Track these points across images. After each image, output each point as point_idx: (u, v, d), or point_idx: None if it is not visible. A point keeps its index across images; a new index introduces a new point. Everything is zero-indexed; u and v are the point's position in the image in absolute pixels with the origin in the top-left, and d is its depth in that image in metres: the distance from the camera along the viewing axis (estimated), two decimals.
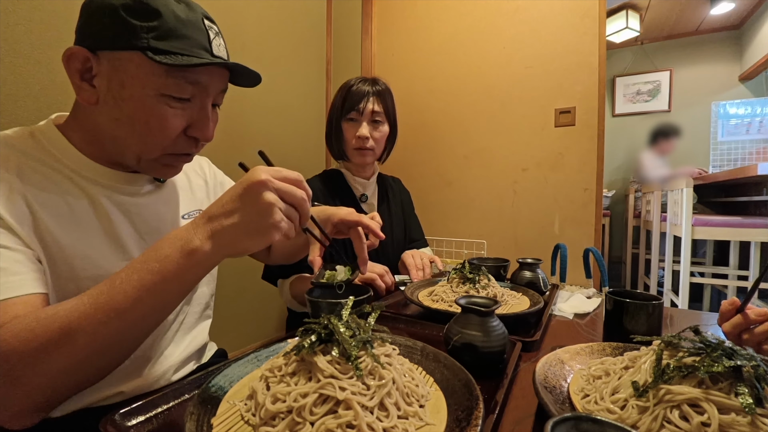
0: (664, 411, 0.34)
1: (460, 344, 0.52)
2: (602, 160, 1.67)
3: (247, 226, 0.45)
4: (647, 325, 0.59)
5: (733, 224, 2.02)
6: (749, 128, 3.57)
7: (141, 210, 0.61)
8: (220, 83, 0.58)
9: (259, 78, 0.60)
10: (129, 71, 0.51)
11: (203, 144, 0.60)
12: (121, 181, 0.59)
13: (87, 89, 0.52)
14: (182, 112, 0.54)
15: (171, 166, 0.60)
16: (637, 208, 3.43)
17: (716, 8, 3.32)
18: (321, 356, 0.37)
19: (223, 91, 0.60)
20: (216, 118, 0.61)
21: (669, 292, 2.42)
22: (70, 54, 0.51)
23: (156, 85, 0.51)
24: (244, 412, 0.38)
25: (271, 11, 1.77)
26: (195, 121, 0.56)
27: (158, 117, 0.52)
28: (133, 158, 0.56)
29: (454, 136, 1.98)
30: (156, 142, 0.54)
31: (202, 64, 0.51)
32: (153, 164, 0.57)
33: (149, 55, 0.49)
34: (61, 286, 0.51)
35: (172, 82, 0.51)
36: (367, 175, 1.22)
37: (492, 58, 1.87)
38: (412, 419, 0.36)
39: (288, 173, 0.48)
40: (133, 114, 0.52)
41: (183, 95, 0.53)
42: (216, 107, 0.61)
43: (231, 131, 1.57)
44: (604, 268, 1.08)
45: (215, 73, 0.56)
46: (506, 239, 1.86)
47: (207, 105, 0.57)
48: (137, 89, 0.51)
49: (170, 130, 0.54)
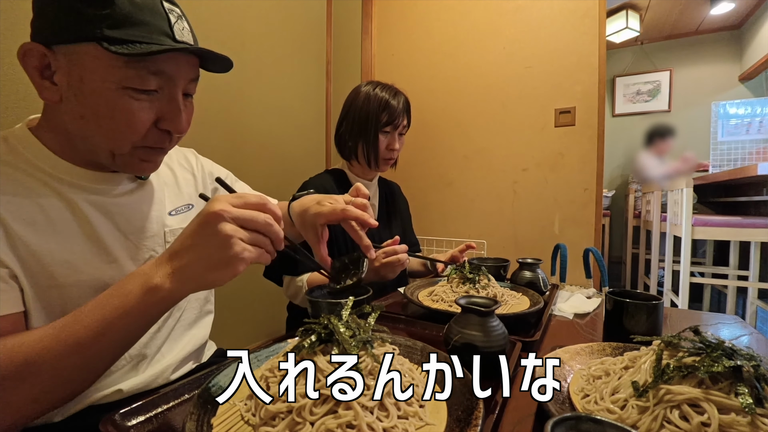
0: (664, 411, 0.34)
1: (460, 344, 0.52)
2: (602, 160, 1.67)
3: (208, 261, 0.43)
4: (647, 325, 0.59)
5: (733, 224, 2.02)
6: (749, 128, 3.57)
7: (123, 210, 0.59)
8: (189, 71, 0.54)
9: (230, 63, 0.56)
10: (86, 65, 0.47)
11: (178, 137, 0.57)
12: (98, 181, 0.57)
13: (48, 87, 0.49)
14: (149, 105, 0.51)
15: (147, 162, 0.56)
16: (637, 208, 3.43)
17: (716, 8, 3.32)
18: (321, 356, 0.37)
19: (194, 80, 0.57)
20: (190, 109, 0.58)
21: (669, 292, 2.42)
22: (24, 51, 0.48)
23: (116, 78, 0.48)
24: (244, 412, 0.38)
25: (271, 11, 1.77)
26: (165, 114, 0.53)
27: (123, 111, 0.49)
28: (106, 156, 0.53)
29: (454, 136, 1.98)
30: (124, 137, 0.51)
31: (162, 51, 0.47)
32: (128, 160, 0.54)
33: (104, 46, 0.45)
34: (44, 296, 0.50)
35: (133, 73, 0.48)
36: (370, 177, 1.25)
37: (492, 58, 1.87)
38: (412, 419, 0.36)
39: (249, 198, 0.45)
40: (96, 109, 0.49)
41: (147, 87, 0.50)
42: (189, 97, 0.57)
43: (231, 131, 1.56)
44: (604, 268, 1.08)
45: (181, 61, 0.52)
46: (506, 239, 1.86)
47: (176, 96, 0.53)
48: (97, 83, 0.48)
49: (138, 124, 0.51)
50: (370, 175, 1.25)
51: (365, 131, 1.16)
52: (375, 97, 1.15)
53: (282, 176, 1.86)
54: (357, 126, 1.17)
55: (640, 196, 3.36)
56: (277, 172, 1.83)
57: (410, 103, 1.21)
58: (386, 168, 1.22)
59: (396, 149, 1.19)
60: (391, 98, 1.15)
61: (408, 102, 1.20)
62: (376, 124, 1.14)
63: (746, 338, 0.69)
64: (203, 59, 0.56)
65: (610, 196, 3.81)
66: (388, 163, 1.21)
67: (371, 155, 1.16)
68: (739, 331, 0.73)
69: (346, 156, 1.22)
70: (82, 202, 0.54)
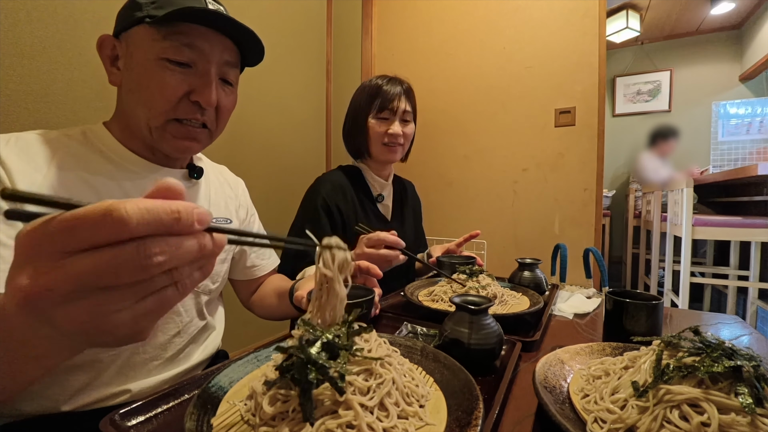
0: (663, 411, 0.34)
1: (449, 340, 0.52)
2: (602, 160, 1.67)
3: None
4: (647, 325, 0.59)
5: (734, 224, 2.02)
6: (749, 128, 3.57)
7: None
8: (222, 51, 0.60)
9: (262, 48, 0.63)
10: (135, 42, 0.56)
11: (210, 114, 0.61)
12: (154, 171, 0.63)
13: (114, 72, 0.59)
14: (182, 77, 0.57)
15: (178, 139, 0.60)
16: (638, 208, 3.43)
17: (716, 8, 3.32)
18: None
19: (231, 65, 0.62)
20: (231, 97, 0.64)
21: (669, 292, 2.42)
22: (100, 41, 0.58)
23: (155, 50, 0.55)
24: (244, 412, 0.38)
25: (271, 11, 1.77)
26: (196, 86, 0.58)
27: (157, 80, 0.56)
28: (145, 129, 0.58)
29: (454, 136, 1.98)
30: (158, 106, 0.57)
31: (181, 9, 0.53)
32: (162, 134, 0.59)
33: (147, 21, 0.54)
34: None
35: (168, 44, 0.55)
36: (386, 175, 1.22)
37: (492, 58, 1.87)
38: (412, 419, 0.36)
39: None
40: (138, 81, 0.56)
41: (181, 59, 0.56)
42: (228, 85, 0.63)
43: (231, 131, 1.56)
44: (604, 268, 1.08)
45: (214, 39, 0.58)
46: (506, 239, 1.86)
47: (208, 71, 0.59)
48: (141, 57, 0.56)
49: (169, 92, 0.56)
50: (385, 172, 1.21)
51: (357, 121, 1.14)
52: (369, 85, 1.14)
53: (282, 176, 1.86)
54: (352, 119, 1.16)
55: (640, 196, 3.36)
56: (277, 171, 1.83)
57: (413, 91, 1.17)
58: (392, 156, 1.15)
59: (398, 134, 1.11)
60: (385, 84, 1.12)
61: (410, 89, 1.16)
62: (365, 111, 1.12)
63: (746, 338, 0.69)
64: (240, 47, 0.62)
65: (611, 196, 3.81)
66: (392, 150, 1.13)
67: (362, 142, 1.13)
68: (739, 331, 0.73)
69: (354, 154, 1.20)
70: (134, 192, 0.59)
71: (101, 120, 0.64)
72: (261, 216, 0.95)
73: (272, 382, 0.35)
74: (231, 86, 0.64)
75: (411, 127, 1.18)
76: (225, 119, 0.66)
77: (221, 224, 0.73)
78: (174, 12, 0.53)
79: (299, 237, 1.00)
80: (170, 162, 0.66)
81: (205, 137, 0.64)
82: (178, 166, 0.68)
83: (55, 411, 0.54)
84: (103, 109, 1.12)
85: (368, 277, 0.71)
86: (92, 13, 1.09)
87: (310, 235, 0.39)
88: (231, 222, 0.76)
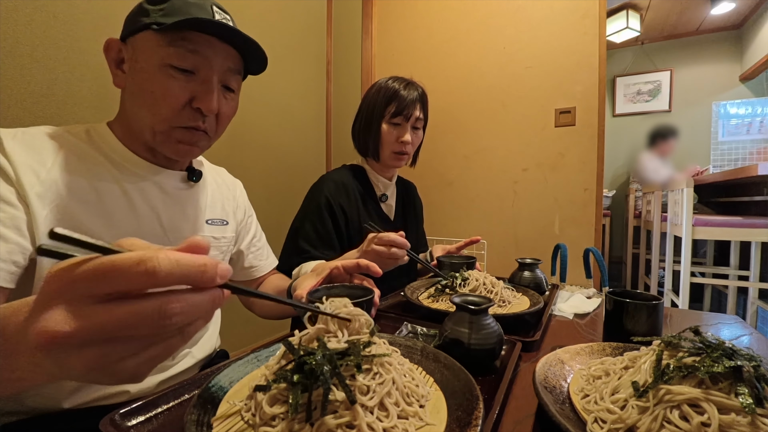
0: (664, 411, 0.34)
1: (449, 340, 0.52)
2: (602, 160, 1.67)
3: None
4: (647, 325, 0.59)
5: (734, 224, 2.02)
6: (750, 128, 3.57)
7: (168, 206, 0.64)
8: (226, 59, 0.60)
9: (264, 58, 0.63)
10: (141, 47, 0.57)
11: (211, 120, 0.62)
12: (155, 173, 0.64)
13: (119, 75, 0.60)
14: (185, 84, 0.57)
15: (183, 143, 0.61)
16: (638, 208, 3.42)
17: (717, 8, 3.32)
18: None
19: (232, 71, 0.62)
20: (232, 104, 0.64)
21: (669, 292, 2.42)
22: (107, 44, 0.60)
23: (160, 56, 0.56)
24: (244, 412, 0.38)
25: (271, 11, 1.77)
26: (198, 93, 0.59)
27: (161, 86, 0.56)
28: (149, 132, 0.59)
29: (454, 136, 1.98)
30: (162, 112, 0.57)
31: (193, 19, 0.54)
32: (166, 138, 0.60)
33: (153, 28, 0.54)
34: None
35: (173, 51, 0.56)
36: (390, 175, 1.21)
37: (492, 58, 1.87)
38: (412, 419, 0.36)
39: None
40: (142, 85, 0.57)
41: (185, 65, 0.57)
42: (230, 91, 0.64)
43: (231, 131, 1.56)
44: (604, 268, 1.08)
45: (218, 47, 0.59)
46: (506, 239, 1.86)
47: (210, 77, 0.59)
48: (145, 62, 0.56)
49: (172, 98, 0.57)
50: (389, 173, 1.21)
51: (370, 123, 1.13)
52: (385, 87, 1.11)
53: (282, 176, 1.86)
54: (365, 119, 1.14)
55: (640, 196, 3.35)
56: (277, 171, 1.83)
57: (427, 96, 1.16)
58: (399, 163, 1.15)
59: (408, 142, 1.11)
60: (402, 89, 1.10)
61: (425, 95, 1.15)
62: (380, 115, 1.10)
63: (746, 338, 0.69)
64: (244, 56, 0.63)
65: (611, 196, 3.81)
66: (400, 158, 1.13)
67: (375, 148, 1.13)
68: (739, 331, 0.73)
69: (362, 152, 1.19)
70: (134, 192, 0.61)
71: (101, 120, 0.64)
72: (261, 216, 0.95)
73: (267, 385, 0.35)
74: (232, 92, 0.65)
75: (419, 134, 1.17)
76: (224, 125, 0.66)
77: (217, 225, 0.74)
78: (181, 21, 0.53)
79: (299, 233, 1.00)
80: (170, 164, 0.66)
81: (205, 142, 0.64)
82: (177, 168, 0.68)
83: (57, 408, 0.55)
84: (103, 110, 1.13)
85: (365, 277, 0.71)
86: (92, 14, 1.09)
87: (318, 306, 0.42)
88: (227, 224, 0.77)
